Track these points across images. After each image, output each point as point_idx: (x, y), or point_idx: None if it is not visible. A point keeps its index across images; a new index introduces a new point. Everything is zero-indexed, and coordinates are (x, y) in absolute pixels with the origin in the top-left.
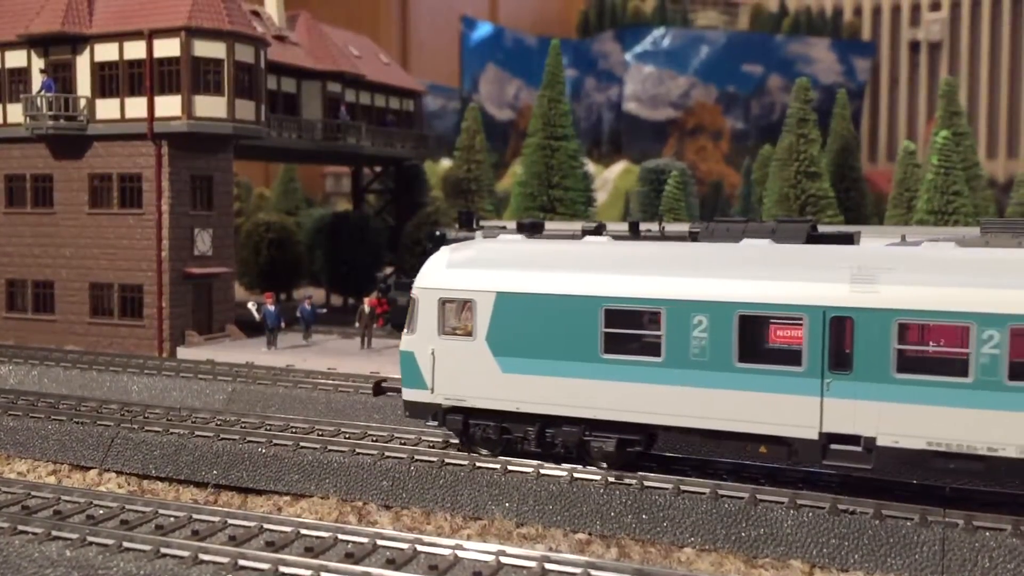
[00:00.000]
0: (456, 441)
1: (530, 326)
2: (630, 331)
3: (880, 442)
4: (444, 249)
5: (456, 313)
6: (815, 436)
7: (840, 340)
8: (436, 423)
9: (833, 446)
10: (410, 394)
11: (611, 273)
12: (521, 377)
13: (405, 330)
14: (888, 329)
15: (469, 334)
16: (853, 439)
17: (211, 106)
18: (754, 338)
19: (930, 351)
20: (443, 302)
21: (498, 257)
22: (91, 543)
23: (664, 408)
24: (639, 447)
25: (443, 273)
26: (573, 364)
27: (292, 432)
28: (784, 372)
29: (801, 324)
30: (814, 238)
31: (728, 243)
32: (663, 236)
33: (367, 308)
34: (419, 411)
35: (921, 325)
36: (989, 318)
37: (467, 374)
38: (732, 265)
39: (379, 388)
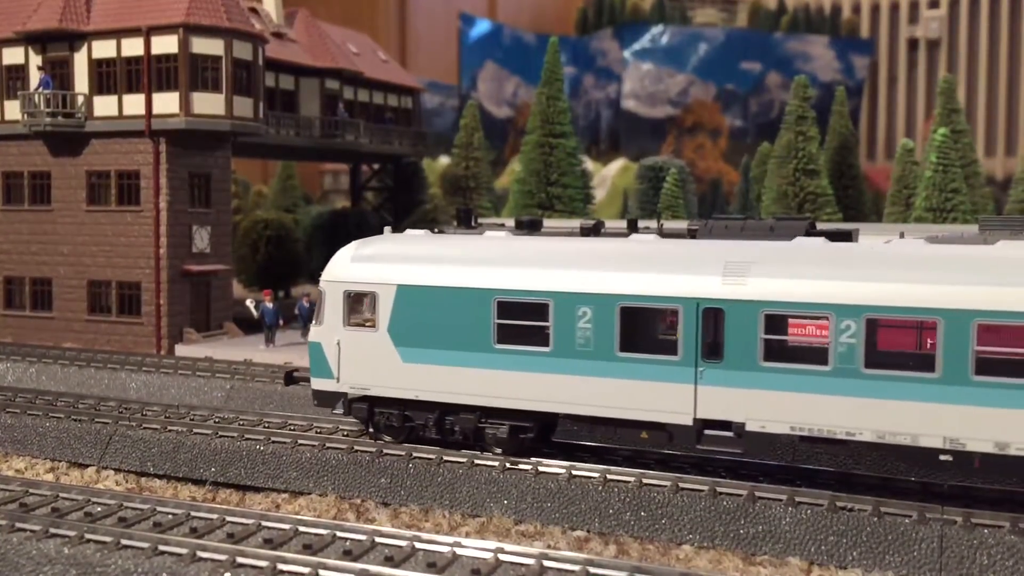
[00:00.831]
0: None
1: (429, 317)
2: (521, 322)
3: (749, 427)
4: (351, 244)
5: (360, 305)
6: (690, 422)
7: (712, 330)
8: (343, 411)
9: (707, 431)
10: (318, 383)
11: (503, 267)
12: (421, 367)
13: (313, 322)
14: (755, 320)
15: (372, 325)
16: (725, 424)
17: (209, 103)
18: (634, 329)
19: (793, 341)
20: (348, 294)
21: (399, 251)
22: (89, 540)
23: (553, 396)
24: (531, 433)
25: (348, 267)
26: (468, 354)
27: (290, 429)
28: (661, 361)
29: (677, 315)
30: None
31: (614, 238)
32: (661, 232)
33: None
34: (326, 400)
35: (784, 316)
36: (846, 309)
37: (371, 364)
38: (615, 260)
39: (290, 377)
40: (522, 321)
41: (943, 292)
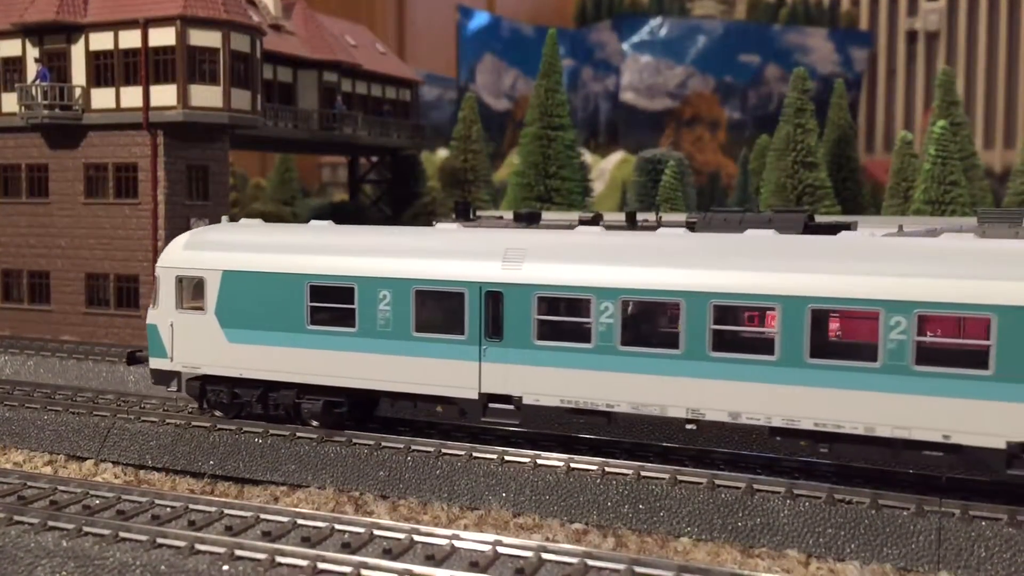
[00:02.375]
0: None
1: (251, 301)
2: (330, 305)
3: (525, 400)
4: (185, 233)
5: (190, 290)
6: (476, 396)
7: (493, 312)
8: (177, 388)
9: (491, 405)
10: (155, 363)
11: (315, 254)
12: (245, 346)
13: (151, 305)
14: (529, 302)
15: (201, 309)
16: (506, 398)
17: (207, 96)
18: (428, 310)
19: (561, 321)
20: (179, 279)
21: (226, 240)
22: (87, 533)
23: (359, 373)
24: (344, 408)
25: (180, 254)
26: (285, 335)
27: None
28: (451, 340)
29: (464, 298)
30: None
31: (417, 230)
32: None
33: None
34: (163, 378)
35: (554, 298)
36: (605, 292)
37: (201, 344)
38: (413, 248)
39: (132, 358)
40: (331, 304)
41: (687, 276)
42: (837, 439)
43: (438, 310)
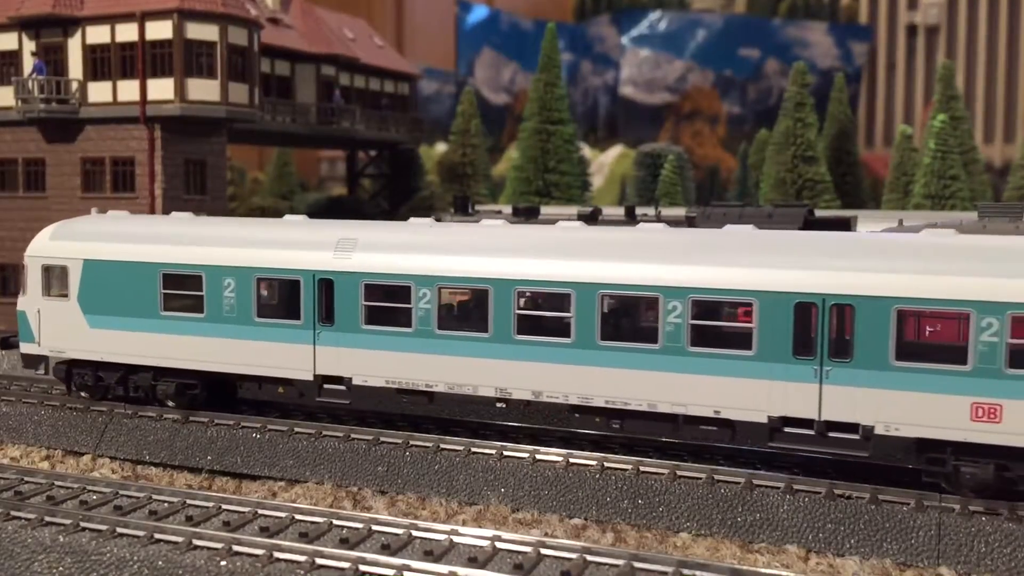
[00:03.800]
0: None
1: (110, 288)
2: (181, 292)
3: (355, 381)
4: (53, 224)
5: (55, 278)
6: (311, 378)
7: (326, 298)
8: (44, 372)
9: (326, 386)
10: (25, 347)
11: (167, 244)
12: (106, 332)
13: (20, 293)
14: (357, 289)
15: (65, 295)
16: (339, 380)
17: (204, 89)
18: (269, 297)
19: (385, 306)
20: (45, 268)
21: (89, 230)
22: (84, 529)
23: (208, 356)
24: (197, 390)
25: (46, 244)
26: (142, 320)
27: (287, 417)
28: (289, 325)
29: (300, 285)
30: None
31: (262, 221)
32: (665, 221)
33: None
34: (32, 362)
35: (378, 285)
36: (423, 279)
37: (65, 330)
38: (254, 239)
39: (6, 343)
40: (182, 291)
41: (494, 265)
42: (627, 415)
43: (277, 297)
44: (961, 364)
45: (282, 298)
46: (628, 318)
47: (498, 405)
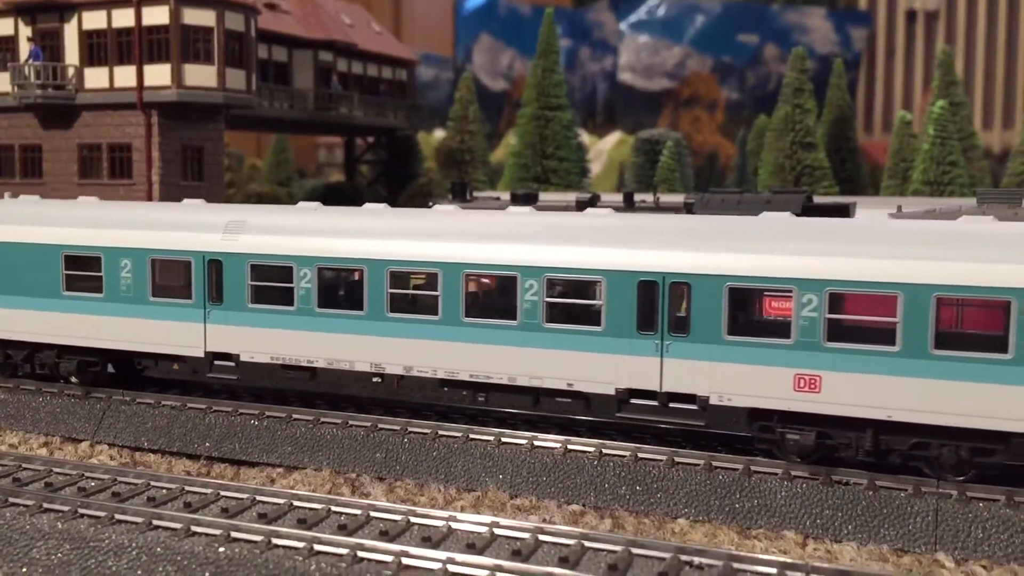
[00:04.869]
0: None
1: (16, 269)
2: (82, 273)
3: (243, 358)
4: None
5: None
6: (202, 355)
7: (216, 278)
8: None
9: (216, 362)
10: None
11: (70, 227)
12: (12, 311)
13: None
14: (244, 269)
15: None
16: (228, 356)
17: (201, 75)
18: (163, 277)
19: (270, 286)
20: None
21: None
22: (83, 515)
23: (107, 335)
24: (98, 368)
25: None
26: (46, 300)
27: (285, 404)
28: (181, 304)
29: (191, 266)
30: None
31: (157, 205)
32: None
33: None
34: None
35: (263, 266)
36: (304, 260)
37: None
38: (149, 221)
39: None
40: (82, 272)
41: (368, 245)
42: (490, 388)
43: (171, 277)
44: (785, 338)
45: (175, 278)
46: (490, 296)
47: (374, 380)
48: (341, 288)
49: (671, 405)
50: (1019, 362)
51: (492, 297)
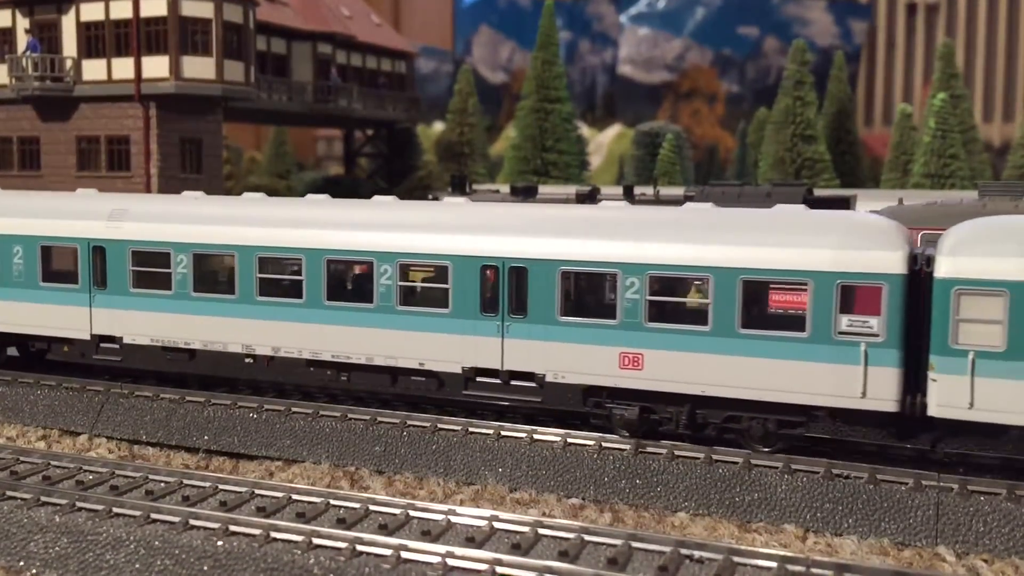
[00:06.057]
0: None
1: None
2: None
3: (125, 340)
4: None
5: None
6: (88, 337)
7: (100, 264)
8: None
9: (102, 344)
10: None
11: None
12: None
13: None
14: (126, 255)
15: None
16: (112, 339)
17: (199, 67)
18: (52, 263)
19: (150, 271)
20: None
21: None
22: (81, 508)
23: (1, 318)
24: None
25: None
26: None
27: (284, 397)
28: (69, 289)
29: (77, 252)
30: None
31: (50, 194)
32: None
33: None
34: None
35: (143, 252)
36: (181, 246)
37: None
38: (40, 209)
39: None
40: None
41: (238, 232)
42: (352, 368)
43: (59, 263)
44: (611, 318)
45: (63, 264)
46: (349, 281)
47: (247, 360)
48: (215, 273)
49: (512, 383)
50: (815, 340)
51: (352, 282)
